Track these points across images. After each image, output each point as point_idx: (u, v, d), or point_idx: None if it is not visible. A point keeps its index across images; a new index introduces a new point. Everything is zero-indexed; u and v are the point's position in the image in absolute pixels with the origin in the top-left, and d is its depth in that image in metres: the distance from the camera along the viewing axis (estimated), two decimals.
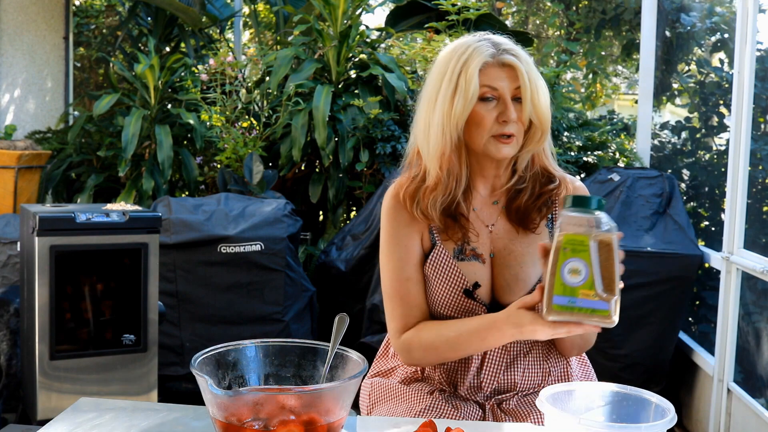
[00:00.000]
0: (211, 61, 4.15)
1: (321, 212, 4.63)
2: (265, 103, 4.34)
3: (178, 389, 3.39)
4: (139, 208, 3.09)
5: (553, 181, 1.56)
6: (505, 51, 1.46)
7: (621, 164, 4.00)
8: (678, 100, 4.76)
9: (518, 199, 1.54)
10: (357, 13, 4.52)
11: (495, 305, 1.54)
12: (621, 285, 1.18)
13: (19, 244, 3.29)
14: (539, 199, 1.54)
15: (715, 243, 3.70)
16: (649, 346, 3.30)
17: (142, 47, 5.37)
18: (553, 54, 6.60)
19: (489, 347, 1.47)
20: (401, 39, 4.95)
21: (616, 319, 1.17)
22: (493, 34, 1.52)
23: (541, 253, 1.24)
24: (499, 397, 1.57)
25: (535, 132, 1.49)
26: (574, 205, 1.19)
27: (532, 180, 1.55)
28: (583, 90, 6.55)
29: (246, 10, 5.83)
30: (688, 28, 4.36)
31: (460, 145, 1.50)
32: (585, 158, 3.99)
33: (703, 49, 4.48)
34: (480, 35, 1.50)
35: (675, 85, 4.70)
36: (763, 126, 3.78)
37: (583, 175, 3.99)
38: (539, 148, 1.53)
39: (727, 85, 4.12)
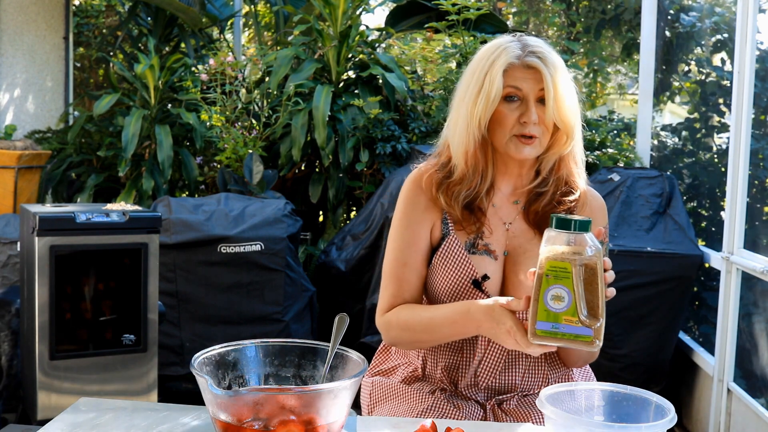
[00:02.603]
0: (211, 61, 4.15)
1: (321, 212, 4.63)
2: (265, 103, 4.34)
3: (178, 389, 3.39)
4: (139, 208, 3.09)
5: (573, 193, 1.56)
6: (531, 53, 1.46)
7: (621, 164, 4.00)
8: (678, 100, 4.76)
9: (537, 203, 1.55)
10: (357, 13, 4.52)
11: None
12: (611, 294, 1.16)
13: (19, 244, 3.29)
14: (558, 207, 1.55)
15: (715, 243, 3.70)
16: (649, 346, 3.30)
17: (142, 47, 5.37)
18: None
19: (460, 335, 1.48)
20: (401, 39, 4.95)
21: (599, 343, 1.17)
22: (530, 36, 1.52)
23: (530, 277, 1.24)
24: (500, 397, 1.57)
25: (560, 135, 1.50)
26: (559, 227, 1.17)
27: (554, 185, 1.55)
28: (584, 90, 6.54)
29: (246, 10, 5.82)
30: (688, 28, 4.36)
31: (486, 143, 1.51)
32: (585, 158, 3.98)
33: (703, 49, 4.48)
34: (515, 36, 1.51)
35: (675, 84, 4.70)
36: (764, 126, 3.78)
37: None
38: (565, 152, 1.53)
39: (727, 85, 4.12)
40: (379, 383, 1.66)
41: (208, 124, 4.22)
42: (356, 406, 1.33)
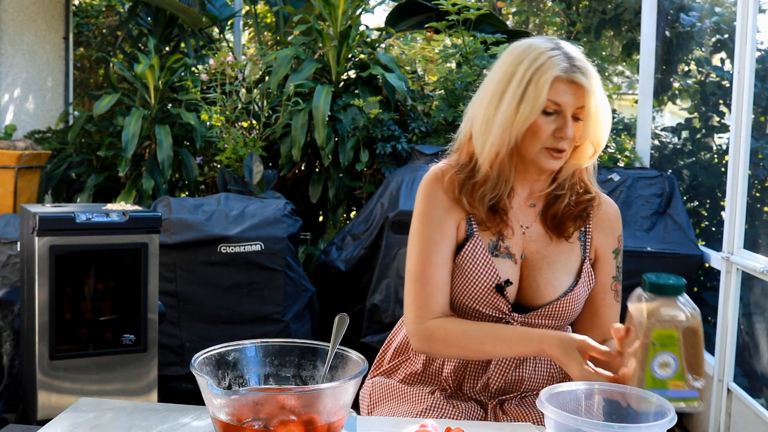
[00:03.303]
0: (211, 61, 4.15)
1: (321, 212, 4.63)
2: (265, 103, 4.34)
3: (178, 389, 3.39)
4: (139, 208, 3.09)
5: (589, 192, 1.57)
6: (578, 69, 1.44)
7: (621, 164, 4.00)
8: (678, 100, 4.77)
9: (556, 205, 1.55)
10: (357, 13, 4.52)
11: (518, 305, 1.54)
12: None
13: (19, 244, 3.29)
14: (575, 208, 1.55)
15: (715, 243, 3.70)
16: None
17: (142, 47, 5.37)
18: None
19: (514, 356, 1.48)
20: (401, 39, 4.96)
21: (702, 403, 1.16)
22: (564, 41, 1.50)
23: (616, 334, 1.23)
24: (502, 397, 1.57)
25: (587, 150, 1.50)
26: (658, 293, 1.16)
27: (570, 188, 1.56)
28: None
29: (246, 10, 5.82)
30: (688, 28, 4.36)
31: (513, 148, 1.50)
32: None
33: (703, 49, 4.48)
34: (553, 42, 1.48)
35: (675, 85, 4.70)
36: (764, 126, 3.78)
37: None
38: (588, 164, 1.54)
39: (727, 85, 4.12)
40: (380, 383, 1.66)
41: (208, 124, 4.22)
42: (356, 406, 1.33)
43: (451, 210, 1.53)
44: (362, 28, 4.61)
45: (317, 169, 4.50)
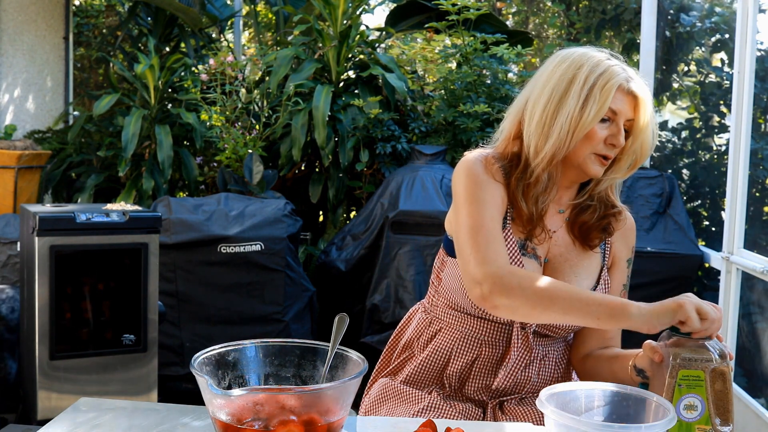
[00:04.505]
0: (211, 61, 4.15)
1: (321, 212, 4.63)
2: (265, 103, 4.34)
3: (178, 389, 3.39)
4: (139, 208, 3.09)
5: (615, 206, 1.60)
6: (635, 81, 1.48)
7: None
8: (678, 101, 4.76)
9: (585, 215, 1.57)
10: (357, 13, 4.52)
11: None
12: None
13: (19, 244, 3.29)
14: (603, 220, 1.58)
15: (715, 243, 3.70)
16: None
17: (142, 47, 5.37)
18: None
19: (574, 321, 1.39)
20: (401, 39, 4.96)
21: None
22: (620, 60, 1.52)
23: (648, 358, 1.23)
24: (503, 398, 1.57)
25: (626, 163, 1.52)
26: (686, 333, 1.17)
27: (599, 200, 1.59)
28: None
29: (246, 10, 5.82)
30: (688, 28, 4.36)
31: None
32: None
33: (703, 49, 4.48)
34: (606, 53, 1.50)
35: (675, 85, 4.70)
36: (763, 126, 3.78)
37: None
38: (624, 177, 1.56)
39: (727, 85, 4.12)
40: (380, 383, 1.66)
41: (208, 124, 4.22)
42: (356, 406, 1.33)
43: (498, 188, 1.52)
44: (362, 28, 4.61)
45: (317, 169, 4.50)
